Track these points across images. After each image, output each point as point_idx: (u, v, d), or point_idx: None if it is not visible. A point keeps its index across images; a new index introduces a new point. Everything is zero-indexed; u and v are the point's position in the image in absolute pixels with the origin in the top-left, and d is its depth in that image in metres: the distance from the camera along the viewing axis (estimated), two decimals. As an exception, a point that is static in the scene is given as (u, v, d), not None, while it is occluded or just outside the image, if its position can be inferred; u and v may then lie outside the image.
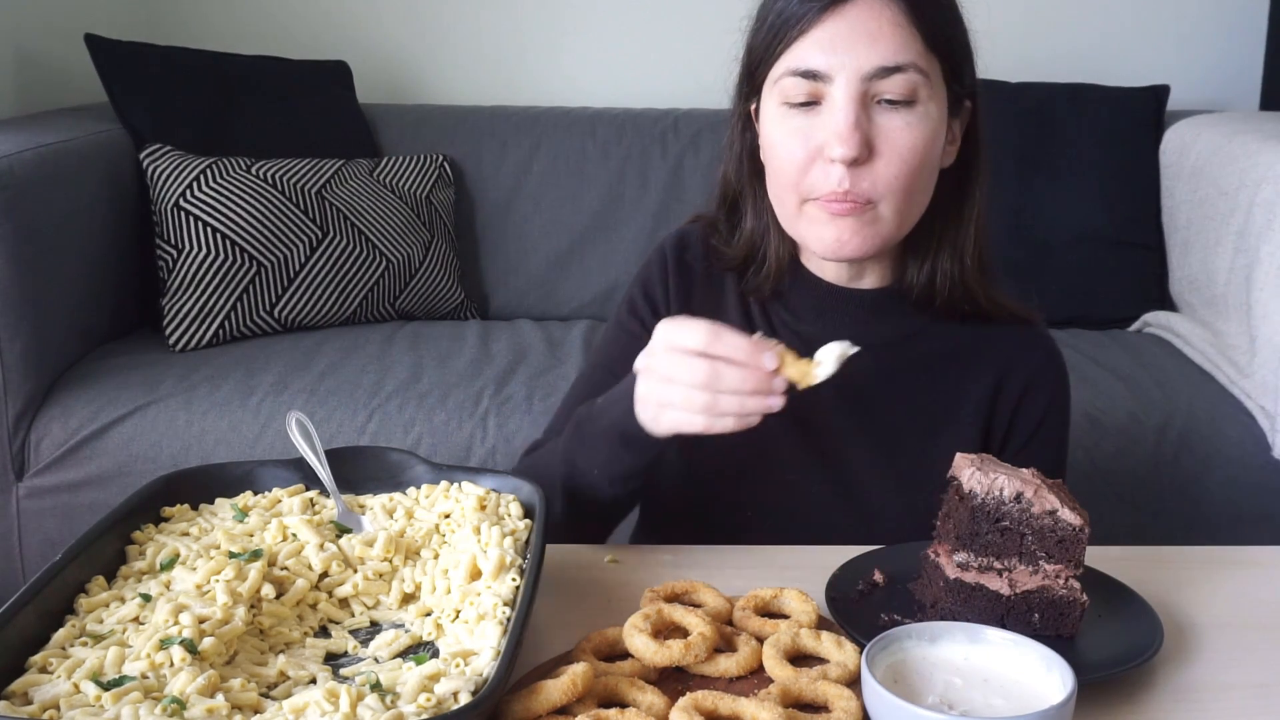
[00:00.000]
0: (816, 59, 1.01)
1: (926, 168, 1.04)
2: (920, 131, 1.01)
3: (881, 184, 1.02)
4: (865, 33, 1.00)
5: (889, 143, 1.01)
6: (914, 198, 1.04)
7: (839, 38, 1.00)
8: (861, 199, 1.02)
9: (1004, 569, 0.86)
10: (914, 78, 1.00)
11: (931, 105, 1.02)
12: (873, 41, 1.00)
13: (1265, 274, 2.01)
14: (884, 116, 1.01)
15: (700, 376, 0.90)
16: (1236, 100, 2.79)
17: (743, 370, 0.90)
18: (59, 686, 0.71)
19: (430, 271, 2.44)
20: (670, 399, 0.93)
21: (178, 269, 2.18)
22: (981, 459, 0.88)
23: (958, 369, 1.14)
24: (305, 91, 2.52)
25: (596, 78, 2.79)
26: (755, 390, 0.90)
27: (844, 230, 1.03)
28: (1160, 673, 0.84)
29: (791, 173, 1.04)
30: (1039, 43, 2.76)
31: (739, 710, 0.74)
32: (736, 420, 0.92)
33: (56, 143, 2.07)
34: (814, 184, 1.03)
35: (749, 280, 1.16)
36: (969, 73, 1.08)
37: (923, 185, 1.05)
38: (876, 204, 1.03)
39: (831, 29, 1.01)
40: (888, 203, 1.03)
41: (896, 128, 1.01)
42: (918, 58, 1.01)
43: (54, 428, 1.93)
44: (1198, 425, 2.01)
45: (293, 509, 0.95)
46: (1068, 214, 2.45)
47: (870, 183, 1.01)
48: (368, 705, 0.69)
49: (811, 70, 1.01)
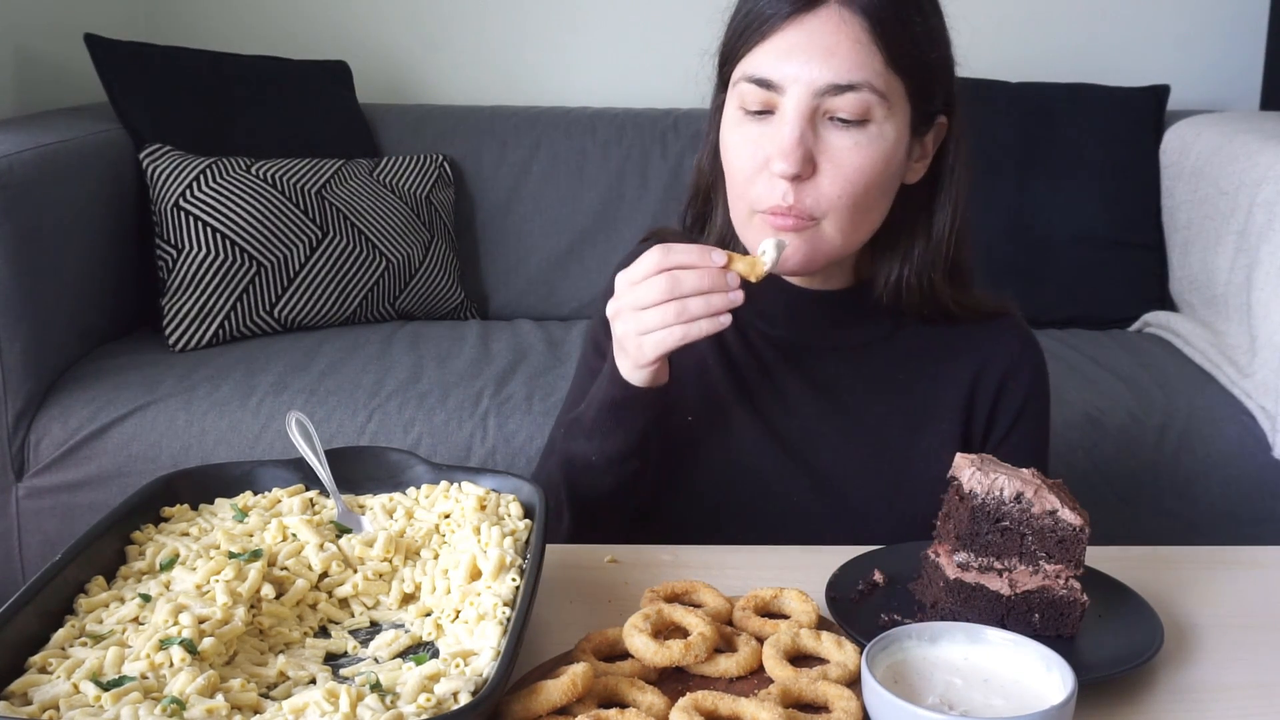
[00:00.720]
0: (771, 68, 1.00)
1: (876, 187, 1.02)
2: (869, 152, 1.00)
3: (825, 201, 1.00)
4: (822, 47, 0.98)
5: (834, 161, 1.00)
6: (861, 215, 1.03)
7: (796, 49, 0.99)
8: (804, 215, 1.01)
9: (1004, 569, 0.86)
10: (867, 97, 0.99)
11: (887, 125, 1.00)
12: (828, 57, 0.98)
13: (1265, 274, 2.01)
14: (833, 134, 1.00)
15: (662, 289, 0.96)
16: (1236, 100, 2.79)
17: (697, 271, 0.96)
18: (59, 687, 0.71)
19: (430, 271, 2.44)
20: (645, 323, 0.98)
21: (177, 269, 2.18)
22: (982, 459, 0.88)
23: (933, 367, 1.14)
24: (305, 91, 2.52)
25: (596, 78, 2.79)
26: (713, 287, 0.96)
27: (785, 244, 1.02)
28: (1160, 673, 0.84)
29: (740, 181, 1.04)
30: (1039, 43, 2.76)
31: (739, 710, 0.74)
32: (709, 322, 0.96)
33: (56, 143, 2.07)
34: (759, 195, 1.02)
35: None
36: (942, 91, 1.06)
37: (871, 203, 1.03)
38: (819, 220, 1.02)
39: (791, 38, 0.99)
40: (831, 220, 1.02)
41: (844, 147, 1.00)
42: (874, 77, 0.99)
43: (54, 428, 1.93)
44: (1198, 425, 2.01)
45: (293, 509, 0.95)
46: (1068, 214, 2.45)
47: (814, 199, 1.00)
48: (368, 705, 0.69)
49: (765, 79, 1.00)
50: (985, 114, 2.47)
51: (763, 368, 1.15)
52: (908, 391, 1.14)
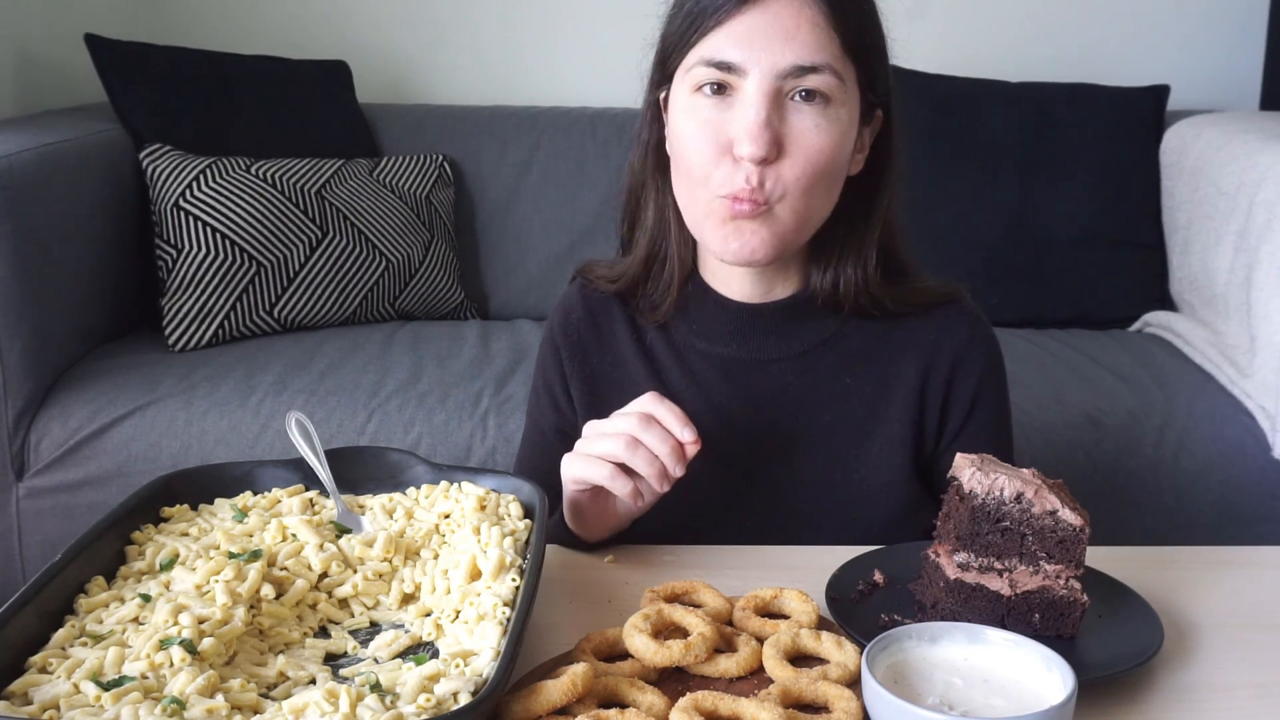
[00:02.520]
0: (732, 51, 0.99)
1: (831, 172, 1.02)
2: (830, 134, 1.00)
3: (783, 184, 1.00)
4: (783, 30, 0.98)
5: (798, 143, 0.99)
6: (814, 201, 1.03)
7: (756, 32, 0.99)
8: (762, 199, 1.00)
9: (1004, 569, 0.86)
10: (829, 79, 0.99)
11: (843, 110, 1.01)
12: (789, 39, 0.98)
13: (1265, 274, 2.01)
14: (796, 116, 1.00)
15: (631, 426, 0.95)
16: (1236, 100, 2.79)
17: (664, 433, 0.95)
18: (59, 687, 0.71)
19: (430, 271, 2.44)
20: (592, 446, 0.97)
21: (177, 269, 2.18)
22: (982, 459, 0.88)
23: (879, 368, 1.12)
24: (305, 91, 2.52)
25: (596, 78, 2.79)
26: (669, 455, 0.94)
27: (743, 231, 1.01)
28: (1160, 673, 0.84)
29: (699, 166, 1.02)
30: (1039, 43, 2.76)
31: (739, 710, 0.74)
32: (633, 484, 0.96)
33: (56, 143, 2.07)
34: (721, 180, 1.01)
35: (646, 299, 1.15)
36: (882, 81, 1.06)
37: (825, 189, 1.03)
38: (773, 205, 1.01)
39: (749, 22, 0.99)
40: (786, 204, 1.01)
41: (807, 129, 0.99)
42: (834, 60, 0.99)
43: (54, 428, 1.93)
44: (1198, 425, 2.01)
45: (292, 509, 0.95)
46: (1068, 214, 2.45)
47: (774, 182, 1.00)
48: (367, 705, 0.69)
49: (725, 62, 0.99)
50: (985, 114, 2.47)
51: (701, 388, 1.13)
52: (856, 396, 1.12)
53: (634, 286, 1.15)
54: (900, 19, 1.10)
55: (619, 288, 1.16)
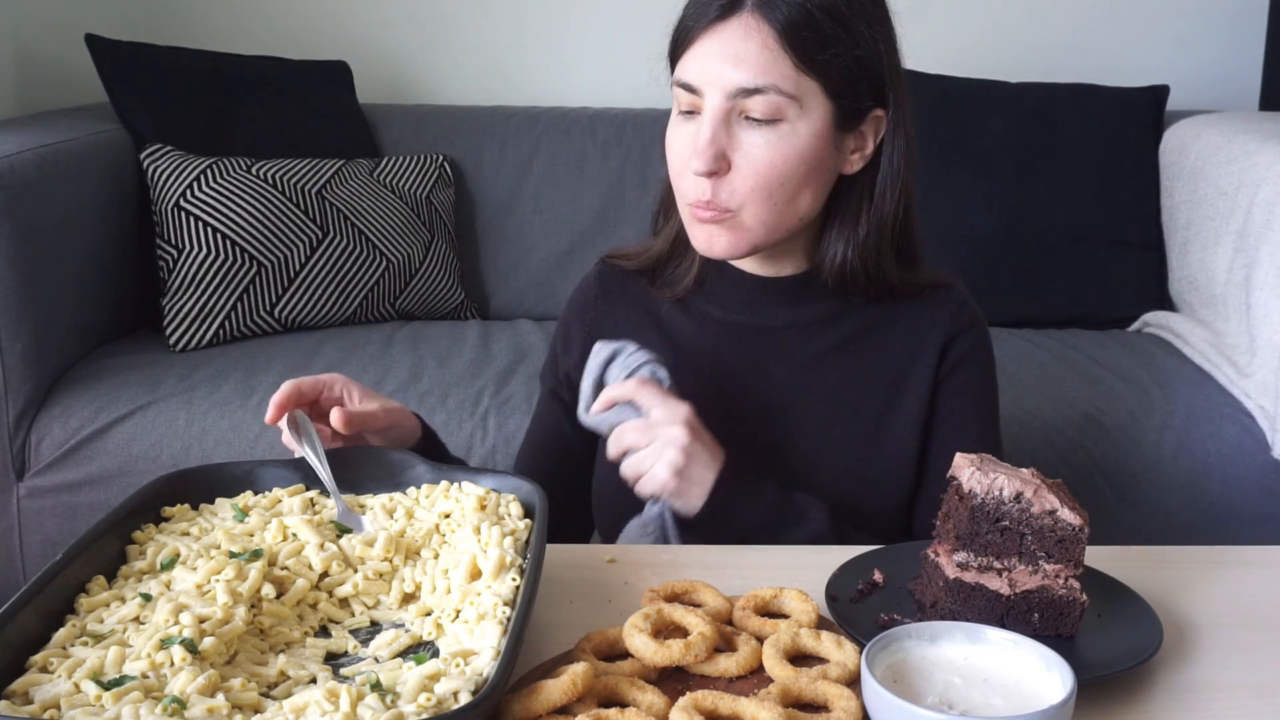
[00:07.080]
0: (693, 73, 1.08)
1: (793, 180, 1.08)
2: (781, 149, 1.07)
3: (738, 195, 1.08)
4: (733, 53, 1.06)
5: (746, 158, 1.07)
6: (780, 206, 1.09)
7: (712, 55, 1.07)
8: (720, 208, 1.09)
9: (1004, 569, 0.86)
10: (775, 99, 1.06)
11: (800, 124, 1.07)
12: (738, 62, 1.05)
13: (1265, 274, 2.01)
14: (746, 133, 1.07)
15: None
16: (1236, 100, 2.79)
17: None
18: (59, 686, 0.71)
19: (430, 271, 2.44)
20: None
21: (178, 269, 2.18)
22: (981, 459, 0.88)
23: (879, 337, 1.20)
24: (305, 91, 2.52)
25: (596, 78, 2.79)
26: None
27: (711, 233, 1.11)
28: (1160, 673, 0.85)
29: (675, 177, 1.13)
30: (1039, 43, 2.76)
31: (739, 710, 0.74)
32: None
33: (56, 143, 2.07)
34: (685, 190, 1.11)
35: (669, 274, 1.24)
36: (869, 88, 1.10)
37: (791, 194, 1.09)
38: (737, 212, 1.09)
39: (709, 45, 1.07)
40: (748, 211, 1.09)
41: (755, 144, 1.07)
42: (782, 80, 1.05)
43: (54, 428, 1.93)
44: (1197, 425, 2.01)
45: (293, 509, 0.95)
46: (1067, 214, 2.45)
47: (728, 193, 1.08)
48: (368, 705, 0.69)
49: (689, 84, 1.09)
50: (984, 114, 2.47)
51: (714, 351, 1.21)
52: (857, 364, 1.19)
53: (658, 262, 1.25)
54: (900, 19, 1.14)
55: (641, 263, 1.26)
